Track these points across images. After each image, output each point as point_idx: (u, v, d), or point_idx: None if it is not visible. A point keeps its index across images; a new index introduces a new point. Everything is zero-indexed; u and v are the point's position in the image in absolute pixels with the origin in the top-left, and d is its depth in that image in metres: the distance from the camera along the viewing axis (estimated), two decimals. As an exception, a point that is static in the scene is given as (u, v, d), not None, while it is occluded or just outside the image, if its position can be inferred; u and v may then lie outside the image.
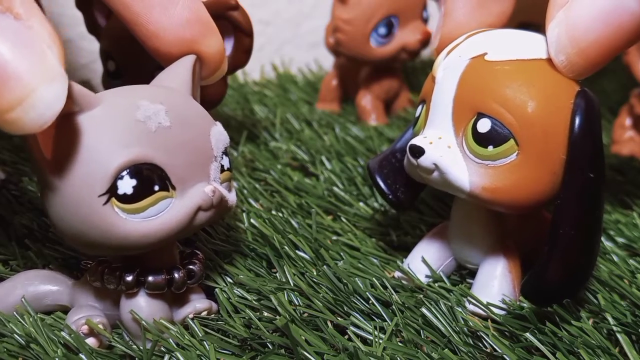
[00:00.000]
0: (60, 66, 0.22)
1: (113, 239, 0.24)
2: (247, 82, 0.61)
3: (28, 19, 0.22)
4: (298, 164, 0.43)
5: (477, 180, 0.26)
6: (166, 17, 0.28)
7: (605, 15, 0.24)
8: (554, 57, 0.25)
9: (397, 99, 0.53)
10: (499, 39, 0.27)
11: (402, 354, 0.25)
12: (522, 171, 0.25)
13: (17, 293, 0.28)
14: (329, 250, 0.32)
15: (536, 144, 0.25)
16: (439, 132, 0.27)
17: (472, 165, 0.26)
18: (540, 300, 0.26)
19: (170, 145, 0.25)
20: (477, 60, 0.26)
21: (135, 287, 0.26)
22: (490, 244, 0.28)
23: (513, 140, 0.25)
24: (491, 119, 0.25)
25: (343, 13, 0.48)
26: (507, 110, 0.25)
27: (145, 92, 0.26)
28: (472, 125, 0.26)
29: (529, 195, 0.26)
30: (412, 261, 0.31)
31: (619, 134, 0.46)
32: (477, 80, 0.26)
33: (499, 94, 0.25)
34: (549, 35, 0.25)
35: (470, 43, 0.27)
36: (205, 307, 0.28)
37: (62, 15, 0.55)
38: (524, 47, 0.26)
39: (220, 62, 0.30)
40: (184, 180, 0.25)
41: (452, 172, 0.26)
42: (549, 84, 0.25)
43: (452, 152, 0.26)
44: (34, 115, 0.21)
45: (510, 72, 0.25)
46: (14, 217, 0.35)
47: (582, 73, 0.25)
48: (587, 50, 0.25)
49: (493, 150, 0.25)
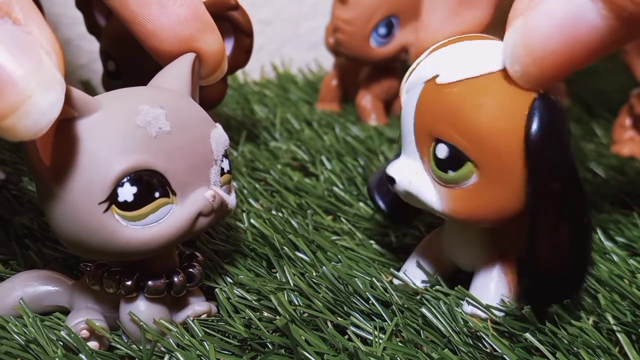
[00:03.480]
0: (58, 73, 0.21)
1: (113, 246, 0.24)
2: (247, 82, 0.61)
3: (27, 24, 0.21)
4: (298, 164, 0.43)
5: (447, 203, 0.26)
6: (164, 15, 0.28)
7: (564, 27, 0.23)
8: (509, 67, 0.24)
9: (397, 99, 0.52)
10: (453, 56, 0.26)
11: (402, 354, 0.25)
12: (486, 191, 0.25)
13: (15, 294, 0.28)
14: (327, 251, 0.32)
15: (493, 164, 0.24)
16: (408, 157, 0.27)
17: (440, 189, 0.26)
18: (537, 304, 0.26)
19: (170, 151, 0.24)
20: (430, 84, 0.26)
21: (134, 291, 0.26)
22: (485, 247, 0.28)
23: (471, 163, 0.25)
24: (447, 144, 0.25)
25: (343, 13, 0.48)
26: (459, 134, 0.25)
27: (145, 96, 0.25)
28: (432, 150, 0.26)
29: (498, 212, 0.25)
30: (408, 267, 0.31)
31: (619, 134, 0.46)
32: (430, 105, 0.26)
33: (450, 119, 0.25)
34: (505, 44, 0.24)
35: (427, 62, 0.26)
36: (205, 309, 0.28)
37: (62, 15, 0.55)
38: (476, 63, 0.25)
39: (220, 61, 0.30)
40: (184, 185, 0.25)
41: (423, 197, 0.26)
42: (500, 100, 0.24)
43: (420, 178, 0.26)
44: (28, 123, 0.21)
45: (459, 94, 0.25)
46: (14, 217, 0.35)
47: (538, 84, 0.24)
48: (543, 60, 0.23)
49: (454, 175, 0.25)
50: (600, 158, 0.44)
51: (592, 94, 0.54)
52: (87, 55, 0.57)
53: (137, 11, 0.28)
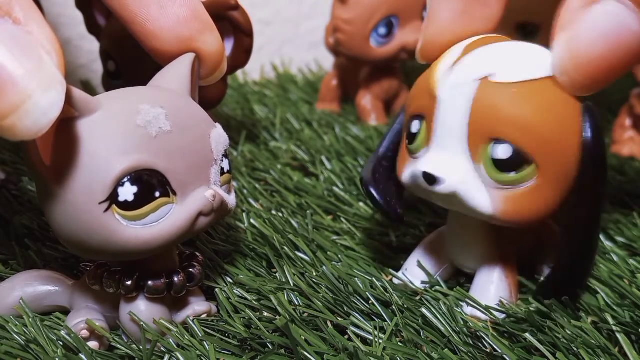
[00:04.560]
0: (59, 73, 0.21)
1: (113, 246, 0.24)
2: (247, 82, 0.61)
3: (27, 23, 0.21)
4: (298, 164, 0.43)
5: (499, 206, 0.26)
6: (164, 15, 0.28)
7: (607, 35, 0.24)
8: (558, 77, 0.25)
9: (397, 99, 0.53)
10: (504, 56, 0.26)
11: (402, 354, 0.25)
12: (542, 193, 0.25)
13: (15, 294, 0.28)
14: (327, 251, 0.32)
15: (555, 166, 0.25)
16: (453, 156, 0.26)
17: (493, 191, 0.26)
18: (556, 295, 0.27)
19: (170, 150, 0.24)
20: (487, 83, 0.25)
21: (134, 291, 0.26)
22: (486, 249, 0.28)
23: (533, 165, 0.25)
24: (511, 145, 0.25)
25: (343, 13, 0.48)
26: (525, 135, 0.25)
27: (145, 96, 0.25)
28: (490, 151, 0.25)
29: (545, 213, 0.26)
30: (409, 267, 0.31)
31: (619, 134, 0.46)
32: (491, 104, 0.25)
33: (516, 120, 0.25)
34: (553, 55, 0.25)
35: (473, 60, 0.26)
36: (205, 309, 0.28)
37: (62, 16, 0.55)
38: (530, 65, 0.26)
39: (219, 61, 0.30)
40: (184, 185, 0.25)
41: (473, 199, 0.26)
42: (559, 104, 0.25)
43: (472, 179, 0.26)
44: (29, 123, 0.21)
45: (523, 95, 0.25)
46: (14, 217, 0.35)
47: (585, 91, 0.25)
48: (589, 70, 0.25)
49: (515, 176, 0.25)
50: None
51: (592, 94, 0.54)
52: (87, 55, 0.57)
53: (137, 12, 0.28)
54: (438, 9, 0.29)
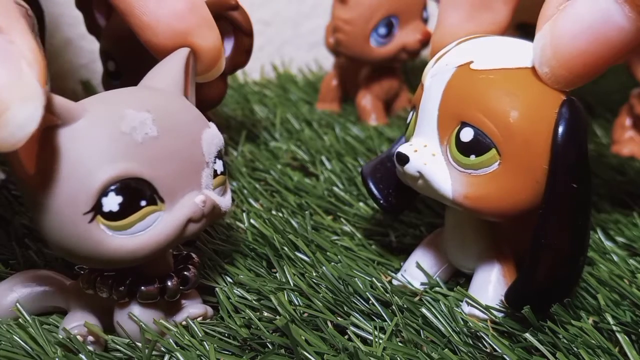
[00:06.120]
0: (38, 85, 0.21)
1: (100, 256, 0.24)
2: (247, 82, 0.61)
3: (9, 33, 0.21)
4: (298, 164, 0.43)
5: (460, 189, 0.26)
6: (161, 7, 0.27)
7: (591, 29, 0.23)
8: (538, 69, 0.25)
9: (397, 99, 0.53)
10: (487, 47, 0.27)
11: (402, 354, 0.25)
12: (504, 180, 0.25)
13: (13, 296, 0.28)
14: (327, 251, 0.32)
15: (518, 154, 0.25)
16: (425, 140, 0.27)
17: (455, 174, 0.26)
18: (519, 307, 0.26)
19: (158, 157, 0.24)
20: (463, 69, 0.26)
21: (127, 296, 0.26)
22: (484, 249, 0.28)
23: (495, 150, 0.25)
24: (474, 128, 0.25)
25: (343, 13, 0.48)
26: (489, 119, 0.25)
27: (131, 100, 0.25)
28: (455, 133, 0.26)
29: (510, 203, 0.25)
30: (408, 268, 0.31)
31: (619, 134, 0.46)
32: (461, 88, 0.26)
33: (481, 104, 0.25)
34: (534, 47, 0.25)
35: (458, 51, 0.27)
36: (200, 312, 0.27)
37: (62, 15, 0.55)
38: (511, 56, 0.26)
39: (216, 57, 0.29)
40: (173, 191, 0.24)
41: (435, 180, 0.26)
42: (533, 94, 0.25)
43: (436, 160, 0.26)
44: (5, 135, 0.20)
45: (494, 81, 0.25)
46: (14, 217, 0.35)
47: (567, 85, 0.25)
48: (571, 63, 0.24)
49: (475, 160, 0.25)
50: (600, 158, 0.44)
51: (592, 94, 0.54)
52: (87, 55, 0.57)
53: (134, 3, 0.27)
54: (446, 14, 0.30)
